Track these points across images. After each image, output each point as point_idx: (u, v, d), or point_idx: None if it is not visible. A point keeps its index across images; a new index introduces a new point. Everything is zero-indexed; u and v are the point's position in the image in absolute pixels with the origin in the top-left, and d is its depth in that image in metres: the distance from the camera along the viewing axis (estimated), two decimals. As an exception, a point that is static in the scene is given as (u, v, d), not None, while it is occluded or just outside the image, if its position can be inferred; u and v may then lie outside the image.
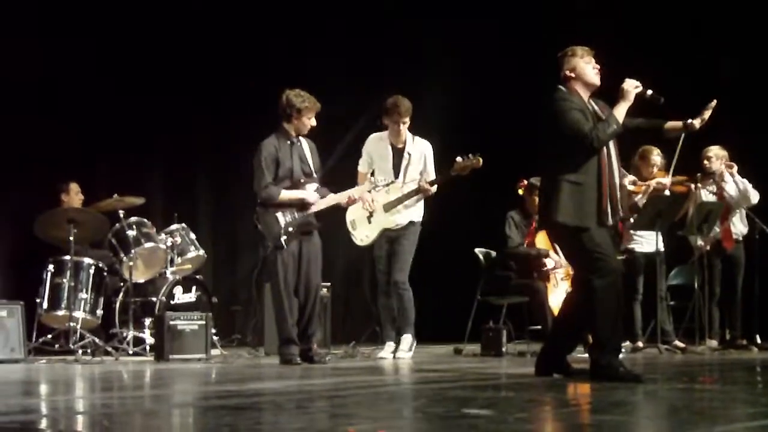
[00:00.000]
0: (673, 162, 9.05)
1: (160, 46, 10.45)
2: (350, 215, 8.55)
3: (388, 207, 8.44)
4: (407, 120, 8.42)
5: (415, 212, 8.54)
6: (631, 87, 5.93)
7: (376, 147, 8.58)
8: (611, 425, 3.86)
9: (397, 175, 8.50)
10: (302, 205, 7.70)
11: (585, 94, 6.02)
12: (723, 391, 5.46)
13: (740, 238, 9.66)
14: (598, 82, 6.03)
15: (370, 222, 8.48)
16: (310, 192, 7.73)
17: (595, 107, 6.02)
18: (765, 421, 3.87)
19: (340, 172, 9.26)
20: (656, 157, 9.29)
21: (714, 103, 6.15)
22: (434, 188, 8.43)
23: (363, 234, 8.55)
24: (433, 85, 10.82)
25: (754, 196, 9.46)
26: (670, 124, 6.21)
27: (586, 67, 6.01)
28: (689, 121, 6.17)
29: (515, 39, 11.16)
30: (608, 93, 6.03)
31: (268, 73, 10.61)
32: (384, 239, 8.51)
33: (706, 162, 9.54)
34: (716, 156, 9.54)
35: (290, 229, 7.64)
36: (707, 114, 6.17)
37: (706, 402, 4.69)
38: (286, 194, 7.67)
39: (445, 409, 4.37)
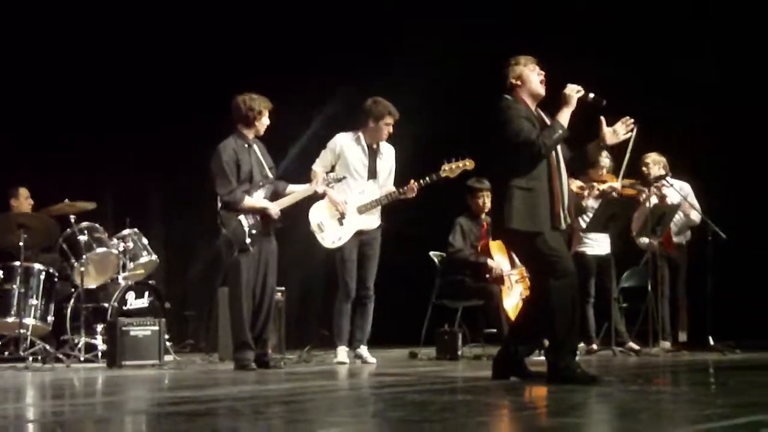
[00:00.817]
0: (623, 165, 9.10)
1: (112, 49, 10.38)
2: (316, 217, 8.37)
3: (363, 209, 8.38)
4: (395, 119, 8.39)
5: (380, 215, 8.53)
6: (573, 91, 5.97)
7: (349, 147, 8.42)
8: (569, 428, 3.86)
9: (373, 176, 8.44)
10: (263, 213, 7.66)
11: (531, 103, 6.06)
12: (677, 393, 5.48)
13: (683, 243, 9.77)
14: (542, 92, 6.08)
15: (341, 224, 8.37)
16: (270, 204, 7.68)
17: (542, 114, 6.05)
18: (720, 422, 3.87)
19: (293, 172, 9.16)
20: (605, 159, 9.33)
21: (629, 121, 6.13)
22: (414, 193, 8.34)
23: (335, 236, 8.34)
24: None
25: (696, 216, 9.59)
26: (590, 145, 6.21)
27: (531, 75, 6.05)
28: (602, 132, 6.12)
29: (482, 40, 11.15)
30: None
31: (218, 74, 10.55)
32: (354, 245, 8.40)
33: (644, 168, 9.61)
34: (654, 162, 9.60)
35: (253, 231, 7.60)
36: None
37: (661, 404, 4.70)
38: (249, 201, 7.62)
39: (405, 413, 4.35)
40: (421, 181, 8.28)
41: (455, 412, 4.41)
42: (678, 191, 9.58)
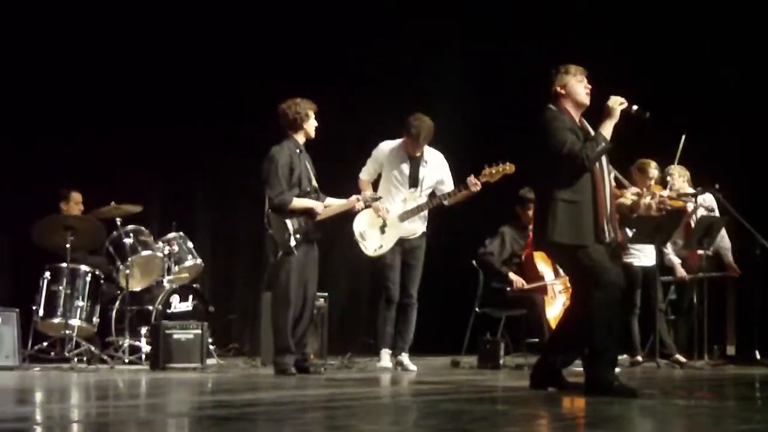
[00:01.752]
0: (676, 158, 9.06)
1: (159, 55, 10.45)
2: (359, 227, 8.45)
3: (404, 217, 8.41)
4: (427, 142, 8.41)
5: (425, 223, 8.55)
6: (616, 104, 5.93)
7: (391, 156, 8.49)
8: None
9: (414, 184, 8.47)
10: (309, 213, 7.69)
11: (575, 113, 6.03)
12: (716, 406, 5.42)
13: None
14: (587, 101, 6.04)
15: (383, 232, 8.41)
16: (317, 202, 7.72)
17: (586, 124, 6.01)
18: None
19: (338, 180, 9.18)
20: (654, 170, 9.25)
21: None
22: (479, 186, 8.29)
23: (376, 244, 8.43)
24: (441, 97, 10.78)
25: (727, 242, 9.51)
26: None
27: (578, 85, 6.01)
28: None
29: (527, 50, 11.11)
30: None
31: (267, 80, 10.59)
32: (397, 251, 8.44)
33: (669, 179, 9.47)
34: (679, 174, 9.47)
35: (298, 235, 7.64)
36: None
37: (697, 418, 4.65)
38: (296, 202, 7.67)
39: (437, 422, 4.34)
40: (474, 178, 8.25)
41: (488, 421, 4.39)
42: (702, 203, 9.49)
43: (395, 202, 8.40)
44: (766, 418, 4.59)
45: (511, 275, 9.00)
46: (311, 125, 7.80)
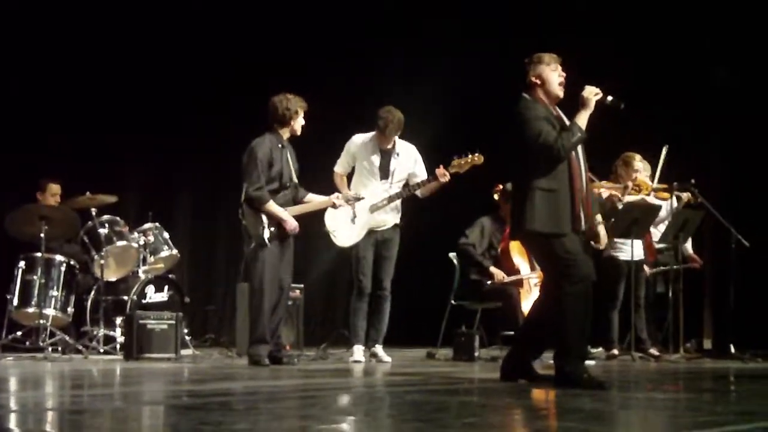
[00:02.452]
0: (658, 168, 9.07)
1: (139, 44, 10.44)
2: (330, 218, 8.41)
3: (374, 208, 8.40)
4: (398, 134, 8.41)
5: (398, 215, 8.54)
6: (591, 94, 5.92)
7: (362, 148, 8.50)
8: (548, 430, 3.84)
9: (384, 176, 8.46)
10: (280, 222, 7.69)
11: (550, 102, 6.01)
12: (680, 398, 5.44)
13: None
14: (560, 94, 6.02)
15: (354, 223, 8.39)
16: (289, 218, 7.70)
17: (561, 114, 6.01)
18: (709, 429, 3.84)
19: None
20: (639, 163, 9.25)
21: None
22: (448, 177, 8.29)
23: (346, 235, 8.40)
24: (417, 89, 10.77)
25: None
26: None
27: (552, 75, 5.99)
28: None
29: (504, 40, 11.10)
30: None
31: (247, 69, 10.59)
32: (370, 242, 8.43)
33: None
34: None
35: (272, 228, 7.63)
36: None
37: (658, 410, 4.66)
38: (272, 207, 7.65)
39: (397, 412, 4.35)
40: (443, 168, 8.26)
41: (448, 412, 4.40)
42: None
43: (366, 193, 8.37)
44: (724, 410, 4.60)
45: (492, 268, 9.00)
46: (299, 123, 7.80)
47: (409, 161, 8.52)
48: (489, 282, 9.01)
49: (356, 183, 8.48)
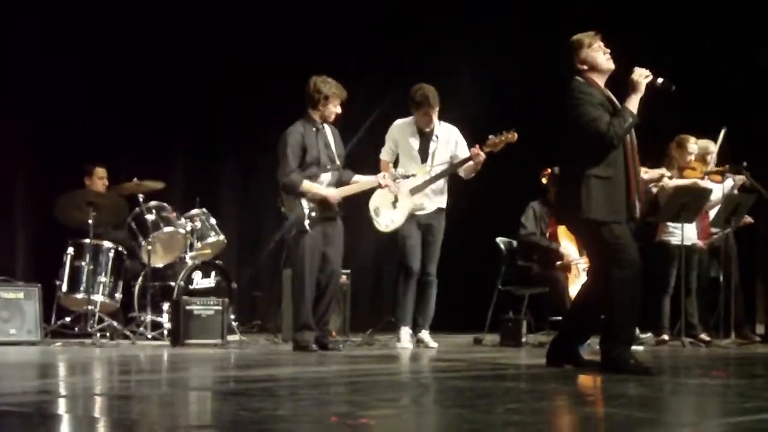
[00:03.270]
0: (715, 151, 8.95)
1: (185, 31, 10.45)
2: (373, 203, 8.36)
3: (415, 191, 8.35)
4: (437, 108, 8.33)
5: (442, 199, 8.47)
6: (641, 77, 5.80)
7: (401, 132, 8.47)
8: (593, 417, 3.80)
9: (424, 159, 8.40)
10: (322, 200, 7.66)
11: (602, 81, 5.91)
12: (729, 385, 5.36)
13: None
14: (612, 66, 5.90)
15: (395, 207, 8.35)
16: (330, 190, 7.68)
17: (611, 95, 5.91)
18: (754, 416, 3.78)
19: (362, 159, 9.14)
20: (693, 145, 9.15)
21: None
22: (483, 156, 8.20)
23: (388, 219, 8.34)
24: (457, 72, 10.69)
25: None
26: None
27: (597, 55, 5.89)
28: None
29: (542, 26, 10.99)
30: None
31: (292, 58, 10.56)
32: (413, 226, 8.38)
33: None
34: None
35: (313, 213, 7.61)
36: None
37: (704, 396, 4.60)
38: (307, 186, 7.62)
39: (439, 398, 4.33)
40: (478, 147, 8.19)
41: (491, 398, 4.36)
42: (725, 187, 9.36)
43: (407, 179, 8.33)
44: (773, 397, 4.53)
45: (562, 248, 8.91)
46: (329, 109, 7.71)
47: (450, 143, 8.46)
48: (558, 263, 8.90)
49: (400, 167, 8.41)
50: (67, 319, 8.57)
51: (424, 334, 8.41)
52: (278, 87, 10.07)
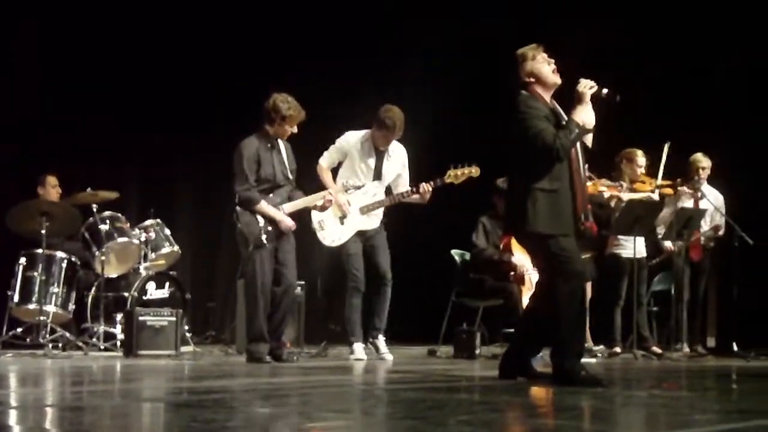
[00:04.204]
0: (661, 164, 9.05)
1: (140, 42, 10.43)
2: (318, 216, 8.35)
3: (366, 210, 8.38)
4: (400, 134, 8.39)
5: (380, 217, 8.55)
6: (586, 88, 5.85)
7: (358, 149, 8.46)
8: (542, 428, 3.81)
9: (378, 177, 8.44)
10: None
11: (547, 95, 5.96)
12: (678, 397, 5.41)
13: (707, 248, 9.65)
14: (558, 81, 5.94)
15: (342, 223, 8.38)
16: (285, 217, 7.66)
17: (557, 108, 5.95)
18: (703, 428, 3.82)
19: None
20: (641, 158, 9.25)
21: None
22: (429, 194, 8.32)
23: (335, 235, 8.38)
24: (411, 85, 10.71)
25: (721, 231, 9.52)
26: None
27: (542, 67, 5.93)
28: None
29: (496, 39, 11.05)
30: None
31: (250, 68, 10.56)
32: (357, 240, 8.42)
33: (701, 171, 9.45)
34: (709, 167, 9.48)
35: (269, 228, 7.61)
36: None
37: (654, 408, 4.63)
38: (264, 207, 7.61)
39: (392, 410, 4.34)
40: (429, 184, 8.27)
41: (443, 410, 4.37)
42: (712, 202, 9.46)
43: (356, 194, 8.34)
44: (721, 409, 4.58)
45: (514, 259, 8.93)
46: (284, 129, 7.69)
47: (398, 164, 8.53)
48: (512, 274, 8.94)
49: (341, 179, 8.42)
50: (19, 329, 8.50)
51: (380, 341, 8.43)
52: (234, 97, 10.06)
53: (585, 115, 5.85)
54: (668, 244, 9.48)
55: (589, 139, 6.03)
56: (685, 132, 9.75)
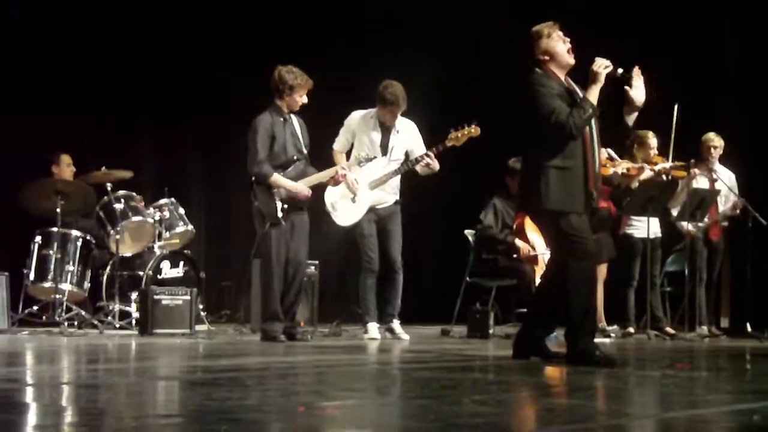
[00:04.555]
0: (671, 145, 9.01)
1: (152, 19, 10.42)
2: (329, 197, 8.37)
3: (374, 184, 8.38)
4: (404, 107, 8.36)
5: (396, 192, 8.53)
6: (601, 68, 5.82)
7: (362, 126, 8.46)
8: (558, 408, 3.83)
9: (384, 153, 8.43)
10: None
11: (561, 73, 5.94)
12: (692, 377, 5.41)
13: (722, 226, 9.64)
14: (572, 61, 5.91)
15: (354, 201, 8.38)
16: (300, 185, 7.68)
17: (573, 85, 5.93)
18: (716, 407, 3.83)
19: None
20: (653, 140, 9.22)
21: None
22: (436, 163, 8.29)
23: (347, 213, 8.40)
24: (421, 65, 10.66)
25: (737, 210, 9.52)
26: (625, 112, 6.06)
27: (556, 45, 5.90)
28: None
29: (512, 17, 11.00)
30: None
31: (263, 44, 10.56)
32: (371, 219, 8.42)
33: (713, 150, 9.44)
34: (721, 146, 9.47)
35: (285, 206, 7.63)
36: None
37: (668, 387, 4.64)
38: (278, 179, 7.63)
39: (405, 389, 4.35)
40: (431, 151, 8.24)
41: (456, 389, 4.38)
42: (726, 182, 9.44)
43: (363, 171, 8.32)
44: (736, 389, 4.58)
45: (517, 241, 8.96)
46: (295, 100, 7.72)
47: (408, 138, 8.50)
48: (515, 256, 8.95)
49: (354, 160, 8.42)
50: (35, 307, 8.56)
51: (395, 325, 8.44)
52: (248, 75, 10.04)
53: (634, 92, 5.83)
54: (690, 227, 9.43)
55: (632, 118, 6.01)
56: (694, 112, 9.70)
